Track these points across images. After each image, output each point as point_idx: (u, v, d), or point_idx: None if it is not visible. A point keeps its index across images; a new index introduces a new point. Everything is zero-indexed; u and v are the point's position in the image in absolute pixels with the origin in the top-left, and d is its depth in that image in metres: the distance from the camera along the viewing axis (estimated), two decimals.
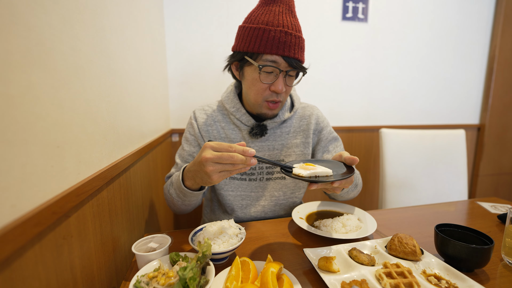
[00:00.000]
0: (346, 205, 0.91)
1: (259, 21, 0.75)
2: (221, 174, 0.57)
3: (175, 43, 1.45)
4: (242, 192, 0.91)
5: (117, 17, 0.69)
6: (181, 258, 0.56)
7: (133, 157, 0.76)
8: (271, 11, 0.75)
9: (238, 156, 0.54)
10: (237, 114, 0.88)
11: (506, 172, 2.18)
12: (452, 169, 1.52)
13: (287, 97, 0.86)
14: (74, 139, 0.46)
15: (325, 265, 0.56)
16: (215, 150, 0.56)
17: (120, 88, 0.71)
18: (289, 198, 0.93)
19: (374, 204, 1.93)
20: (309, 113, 0.95)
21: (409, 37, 1.79)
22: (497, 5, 1.92)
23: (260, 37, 0.73)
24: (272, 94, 0.79)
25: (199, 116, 0.92)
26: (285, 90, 0.80)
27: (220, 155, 0.54)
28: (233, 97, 0.91)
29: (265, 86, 0.78)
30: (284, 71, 0.76)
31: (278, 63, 0.74)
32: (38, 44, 0.37)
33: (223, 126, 0.91)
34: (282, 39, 0.72)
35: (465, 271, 0.57)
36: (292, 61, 0.75)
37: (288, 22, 0.74)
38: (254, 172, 0.90)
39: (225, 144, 0.55)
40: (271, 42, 0.72)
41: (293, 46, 0.74)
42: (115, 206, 0.65)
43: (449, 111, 1.98)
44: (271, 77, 0.77)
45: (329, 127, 0.97)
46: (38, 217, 0.35)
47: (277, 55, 0.74)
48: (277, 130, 0.91)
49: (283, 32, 0.72)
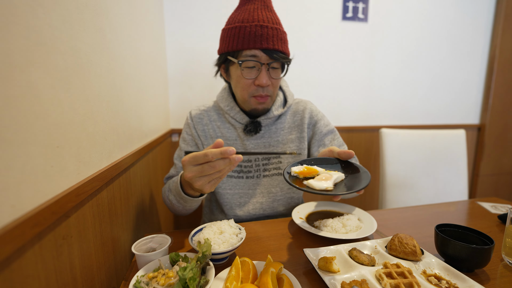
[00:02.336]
0: (346, 205, 0.90)
1: (236, 20, 0.78)
2: (212, 182, 0.57)
3: (175, 43, 1.45)
4: (240, 190, 0.91)
5: (117, 17, 0.69)
6: (181, 258, 0.56)
7: (133, 157, 0.76)
8: (247, 10, 0.78)
9: (219, 163, 0.53)
10: (231, 113, 0.90)
11: (507, 172, 2.18)
12: (453, 169, 1.52)
13: (276, 91, 0.85)
14: (74, 139, 0.46)
15: (325, 265, 0.56)
16: (194, 164, 0.54)
17: (120, 88, 0.71)
18: (287, 194, 0.94)
19: (374, 204, 1.93)
20: (303, 107, 0.95)
21: (409, 37, 1.79)
22: (497, 4, 1.91)
23: (237, 35, 0.76)
24: (257, 89, 0.80)
25: (195, 116, 0.94)
26: (272, 83, 0.81)
27: (201, 169, 0.53)
28: (227, 96, 0.92)
29: (249, 81, 0.79)
30: (265, 64, 0.77)
31: (258, 57, 0.76)
32: (38, 44, 0.37)
33: (218, 125, 0.93)
34: (258, 32, 0.74)
35: (465, 271, 0.57)
36: (272, 52, 0.76)
37: (263, 17, 0.76)
38: (251, 170, 0.91)
39: (200, 154, 0.53)
40: (248, 37, 0.75)
41: (270, 38, 0.75)
42: (115, 206, 0.65)
43: (449, 111, 1.98)
44: (254, 72, 0.78)
45: (323, 120, 0.95)
46: (37, 217, 0.35)
47: (256, 49, 0.75)
48: (272, 126, 0.92)
49: (258, 26, 0.75)
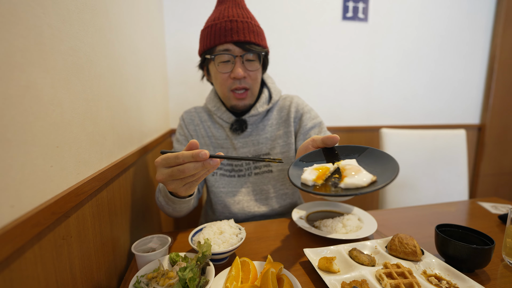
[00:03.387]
0: (346, 205, 0.90)
1: (209, 21, 0.82)
2: (186, 186, 0.54)
3: (175, 43, 1.45)
4: (233, 188, 0.93)
5: (117, 17, 0.69)
6: (181, 258, 0.56)
7: (132, 157, 0.76)
8: (219, 10, 0.82)
9: (189, 166, 0.48)
10: (218, 113, 0.91)
11: (507, 172, 2.18)
12: (453, 169, 1.52)
13: (254, 84, 0.85)
14: (73, 139, 0.46)
15: (325, 265, 0.56)
16: (165, 166, 0.51)
17: (120, 88, 0.71)
18: (280, 190, 0.94)
19: (374, 204, 1.93)
20: (289, 102, 0.94)
21: (409, 37, 1.79)
22: (498, 4, 1.91)
23: (210, 32, 0.80)
24: (234, 81, 0.81)
25: (186, 118, 0.97)
26: (249, 75, 0.81)
27: (171, 173, 0.50)
28: (213, 97, 0.94)
29: (225, 76, 0.81)
30: (239, 56, 0.79)
31: (231, 50, 0.78)
32: (38, 44, 0.37)
33: (209, 125, 0.95)
34: (228, 27, 0.77)
35: (465, 271, 0.57)
36: (244, 44, 0.78)
37: (233, 13, 0.79)
38: (242, 169, 0.93)
39: (171, 156, 0.49)
40: (219, 32, 0.78)
41: (241, 31, 0.77)
42: (115, 206, 0.65)
43: (449, 111, 1.98)
44: (229, 66, 0.80)
45: (310, 113, 0.92)
46: (37, 217, 0.35)
47: (227, 43, 0.78)
48: (259, 124, 0.93)
49: (228, 21, 0.77)
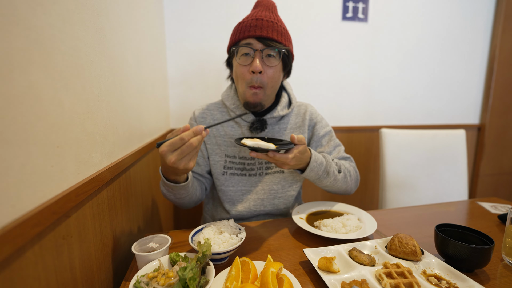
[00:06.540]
0: (346, 205, 0.91)
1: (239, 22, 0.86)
2: (193, 159, 0.61)
3: (175, 43, 1.45)
4: (242, 187, 0.94)
5: (117, 17, 0.69)
6: (181, 258, 0.56)
7: (133, 157, 0.76)
8: (251, 13, 0.86)
9: (193, 140, 0.57)
10: (237, 111, 0.92)
11: (507, 172, 2.18)
12: (452, 169, 1.52)
13: (270, 84, 0.85)
14: (74, 139, 0.46)
15: (325, 265, 0.56)
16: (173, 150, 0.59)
17: (120, 88, 0.71)
18: (287, 191, 0.96)
19: (374, 204, 1.93)
20: (304, 110, 1.00)
21: (409, 37, 1.79)
22: (497, 4, 1.91)
23: (236, 30, 0.84)
24: (252, 78, 0.82)
25: (198, 116, 0.97)
26: (266, 72, 0.82)
27: (181, 152, 0.58)
28: (233, 94, 0.95)
29: (245, 69, 0.82)
30: (259, 50, 0.80)
31: (252, 44, 0.80)
32: (38, 44, 0.37)
33: (222, 124, 0.92)
34: (253, 23, 0.80)
35: (465, 271, 0.57)
36: (265, 40, 0.80)
37: (261, 14, 0.82)
38: (254, 168, 0.94)
39: (176, 139, 0.58)
40: (244, 28, 0.81)
41: (265, 28, 0.80)
42: (115, 206, 0.65)
43: (449, 111, 1.98)
44: (249, 59, 0.82)
45: (322, 122, 1.00)
46: (37, 217, 0.35)
47: (250, 37, 0.80)
48: (275, 126, 0.95)
49: (254, 19, 0.81)
